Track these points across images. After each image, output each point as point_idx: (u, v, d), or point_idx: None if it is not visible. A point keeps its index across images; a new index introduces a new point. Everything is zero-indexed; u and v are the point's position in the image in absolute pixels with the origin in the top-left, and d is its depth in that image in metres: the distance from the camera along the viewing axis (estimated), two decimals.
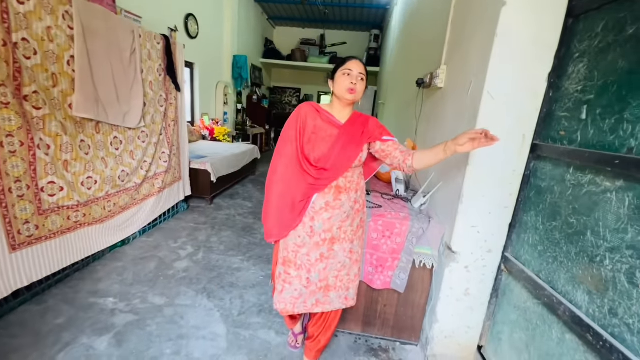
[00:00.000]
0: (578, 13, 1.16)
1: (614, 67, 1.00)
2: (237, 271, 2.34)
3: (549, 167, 1.25)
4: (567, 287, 1.10)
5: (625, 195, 0.92)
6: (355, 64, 1.21)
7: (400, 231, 1.56)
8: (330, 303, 1.32)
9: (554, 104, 1.25)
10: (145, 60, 2.54)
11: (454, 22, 1.79)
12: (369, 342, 1.76)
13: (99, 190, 2.25)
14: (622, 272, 0.91)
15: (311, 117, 1.23)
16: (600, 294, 0.97)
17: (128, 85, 2.35)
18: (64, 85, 1.89)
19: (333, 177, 1.20)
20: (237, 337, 1.70)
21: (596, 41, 1.08)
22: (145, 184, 2.72)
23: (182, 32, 4.38)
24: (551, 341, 1.16)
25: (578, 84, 1.14)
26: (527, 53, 1.25)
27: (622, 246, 0.91)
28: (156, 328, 1.71)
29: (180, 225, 3.06)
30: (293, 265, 1.28)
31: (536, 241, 1.28)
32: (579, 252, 1.06)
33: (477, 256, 1.47)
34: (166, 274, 2.23)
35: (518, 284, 1.37)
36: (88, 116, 2.04)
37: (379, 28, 7.40)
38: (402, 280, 1.59)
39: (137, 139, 2.60)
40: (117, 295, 1.94)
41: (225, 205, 3.72)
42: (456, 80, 1.66)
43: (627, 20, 0.97)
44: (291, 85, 9.21)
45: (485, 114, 1.32)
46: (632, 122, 0.92)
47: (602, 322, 0.95)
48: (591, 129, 1.07)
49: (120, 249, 2.49)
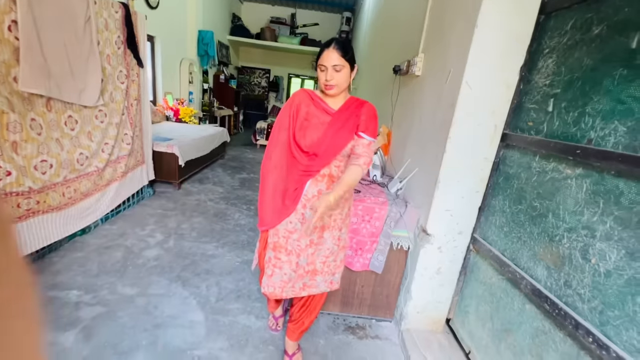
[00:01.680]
0: (550, 10, 1.23)
1: (579, 63, 1.09)
2: (212, 258, 2.29)
3: (517, 155, 1.36)
4: (529, 264, 1.23)
5: (583, 181, 1.03)
6: (328, 55, 1.12)
7: (379, 215, 1.62)
8: (317, 286, 1.35)
9: (524, 96, 1.34)
10: (101, 31, 2.29)
11: (432, 11, 1.82)
12: (346, 320, 1.84)
13: (55, 175, 2.03)
14: (577, 249, 1.03)
15: (305, 104, 1.21)
16: (558, 269, 1.10)
17: (83, 58, 2.11)
18: (6, 55, 1.65)
19: (324, 163, 1.20)
20: (216, 323, 1.69)
21: (565, 38, 1.16)
22: (109, 168, 2.51)
23: (140, 1, 3.98)
24: (513, 311, 1.29)
25: (547, 78, 1.23)
26: (503, 46, 1.32)
27: (579, 226, 1.03)
28: (129, 319, 1.63)
29: (147, 211, 2.89)
30: (284, 250, 1.28)
31: (503, 223, 1.40)
32: (541, 232, 1.18)
33: (449, 237, 1.58)
34: (135, 262, 2.11)
35: (485, 262, 1.50)
36: (38, 91, 1.81)
37: (351, 10, 7.30)
38: (380, 262, 1.66)
39: (94, 119, 2.36)
40: (81, 288, 1.81)
41: (194, 191, 3.57)
42: (434, 68, 1.71)
43: (593, 21, 1.05)
44: (260, 65, 8.86)
45: (463, 103, 1.38)
46: (593, 116, 1.02)
47: (558, 293, 1.08)
48: (556, 121, 1.17)
49: (80, 238, 2.31)
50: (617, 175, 0.92)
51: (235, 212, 3.14)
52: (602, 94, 0.99)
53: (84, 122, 2.26)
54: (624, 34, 0.94)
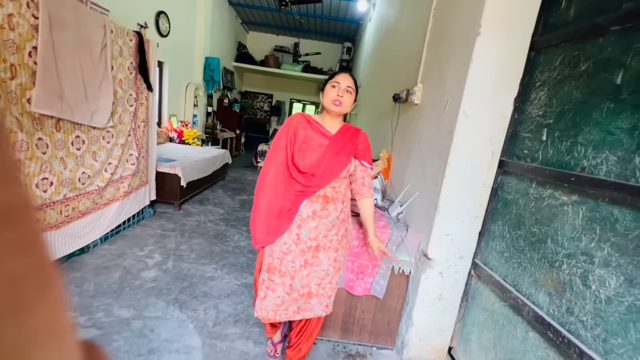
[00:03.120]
0: (539, 47, 1.32)
1: (569, 96, 1.16)
2: (210, 280, 2.26)
3: (514, 181, 1.40)
4: (530, 290, 1.23)
5: (579, 208, 1.06)
6: (344, 77, 1.25)
7: (380, 239, 1.62)
8: (311, 310, 1.33)
9: (518, 125, 1.41)
10: (115, 57, 2.40)
11: (430, 45, 1.94)
12: (347, 348, 1.79)
13: (56, 193, 2.06)
14: (577, 275, 1.04)
15: (302, 127, 1.26)
16: (559, 295, 1.10)
17: (97, 82, 2.20)
18: (24, 78, 1.73)
19: (321, 184, 1.24)
20: (213, 348, 1.64)
21: (554, 73, 1.24)
22: (110, 187, 2.54)
23: (152, 29, 4.20)
24: (516, 339, 1.27)
25: (539, 109, 1.30)
26: (496, 79, 1.40)
27: (577, 252, 1.05)
28: (123, 343, 1.59)
29: (146, 232, 2.88)
30: (277, 272, 1.28)
31: (503, 248, 1.41)
32: (541, 258, 1.20)
33: (450, 262, 1.58)
34: (132, 284, 2.08)
35: (486, 288, 1.49)
36: (49, 112, 1.87)
37: (352, 41, 7.67)
38: (382, 287, 1.65)
39: (101, 139, 2.42)
40: (77, 309, 1.78)
41: (194, 212, 3.58)
42: (432, 98, 1.79)
43: (580, 58, 1.13)
44: (263, 90, 9.16)
45: (461, 131, 1.44)
46: (585, 145, 1.07)
47: (561, 320, 1.08)
48: (550, 149, 1.22)
49: (78, 257, 2.29)
50: (611, 203, 0.95)
51: (235, 233, 3.13)
52: (592, 125, 1.05)
53: (91, 142, 2.32)
54: (609, 71, 1.01)
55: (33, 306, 0.15)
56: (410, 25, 2.50)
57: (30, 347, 0.14)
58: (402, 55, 2.61)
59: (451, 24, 1.66)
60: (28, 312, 0.14)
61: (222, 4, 6.42)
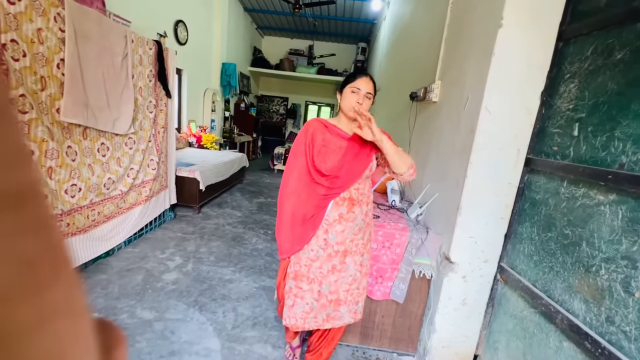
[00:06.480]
0: (568, 37, 1.24)
1: (604, 88, 1.07)
2: (228, 283, 2.28)
3: (543, 180, 1.31)
4: (563, 296, 1.15)
5: (618, 208, 0.98)
6: (364, 82, 1.20)
7: (399, 242, 1.58)
8: (341, 318, 1.30)
9: (547, 121, 1.32)
10: (136, 66, 2.49)
11: (448, 41, 1.87)
12: (366, 354, 1.75)
13: (83, 198, 2.14)
14: (617, 281, 0.96)
15: (319, 131, 1.25)
16: (597, 303, 1.01)
17: (119, 90, 2.29)
18: (53, 89, 1.82)
19: (345, 185, 1.21)
20: (232, 352, 1.64)
21: (586, 64, 1.16)
22: (132, 192, 2.62)
23: (171, 38, 4.33)
24: (549, 349, 1.19)
25: (570, 102, 1.21)
26: (521, 72, 1.32)
27: (617, 256, 0.96)
28: (146, 345, 1.62)
29: (167, 235, 2.96)
30: (305, 279, 1.27)
31: (531, 251, 1.33)
32: (575, 262, 1.11)
33: (474, 266, 1.51)
34: (154, 286, 2.13)
35: (514, 293, 1.41)
36: (77, 121, 1.96)
37: (366, 41, 7.61)
38: (402, 291, 1.60)
39: (124, 146, 2.51)
40: (102, 310, 1.84)
41: (213, 215, 3.64)
42: (451, 95, 1.72)
43: (615, 46, 1.05)
44: (279, 94, 9.24)
45: (483, 128, 1.37)
46: (623, 140, 0.98)
47: (600, 329, 1.00)
48: (583, 145, 1.13)
49: (104, 260, 2.37)
50: None
51: (253, 236, 3.15)
52: (631, 117, 0.96)
53: (115, 149, 2.40)
54: None
55: (49, 286, 0.15)
56: (427, 21, 2.44)
57: (48, 325, 0.15)
58: (419, 53, 2.55)
59: (470, 17, 1.59)
60: (45, 291, 0.15)
61: (238, 11, 6.55)
